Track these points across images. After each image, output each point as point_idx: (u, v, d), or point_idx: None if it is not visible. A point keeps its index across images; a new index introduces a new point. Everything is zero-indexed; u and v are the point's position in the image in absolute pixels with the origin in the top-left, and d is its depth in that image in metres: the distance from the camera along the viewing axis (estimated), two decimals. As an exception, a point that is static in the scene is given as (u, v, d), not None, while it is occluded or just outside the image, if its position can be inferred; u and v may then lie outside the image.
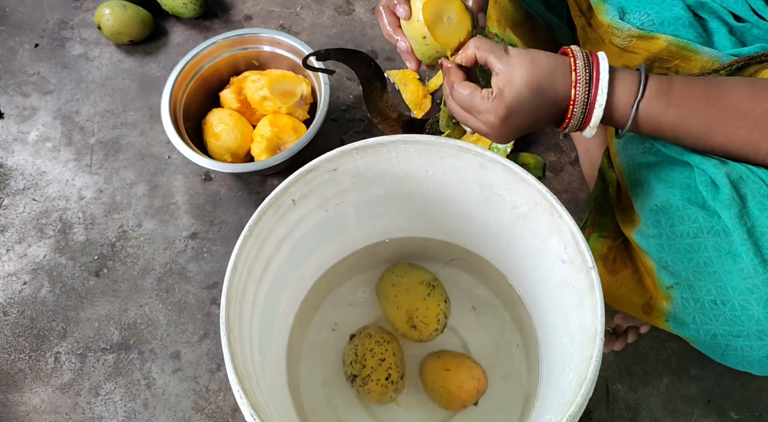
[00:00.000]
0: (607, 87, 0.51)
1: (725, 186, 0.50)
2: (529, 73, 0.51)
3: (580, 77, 0.51)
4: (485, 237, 0.70)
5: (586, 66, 0.52)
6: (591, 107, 0.52)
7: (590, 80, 0.51)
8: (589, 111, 0.52)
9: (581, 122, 0.54)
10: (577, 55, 0.52)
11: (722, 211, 0.50)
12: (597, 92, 0.51)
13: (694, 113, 0.51)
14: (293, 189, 0.56)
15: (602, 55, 0.52)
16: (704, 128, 0.52)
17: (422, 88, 1.01)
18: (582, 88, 0.51)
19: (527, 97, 0.52)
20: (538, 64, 0.52)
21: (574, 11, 0.68)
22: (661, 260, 0.56)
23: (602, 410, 0.79)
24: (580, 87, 0.51)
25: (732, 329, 0.51)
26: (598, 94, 0.51)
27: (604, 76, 0.51)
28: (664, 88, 0.52)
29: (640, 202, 0.59)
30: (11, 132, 1.00)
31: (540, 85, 0.52)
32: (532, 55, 0.52)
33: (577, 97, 0.52)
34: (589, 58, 0.52)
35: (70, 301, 0.88)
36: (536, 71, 0.52)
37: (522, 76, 0.51)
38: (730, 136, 0.51)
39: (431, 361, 0.70)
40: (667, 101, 0.51)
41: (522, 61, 0.52)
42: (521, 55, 0.52)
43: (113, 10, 1.01)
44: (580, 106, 0.52)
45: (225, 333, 0.49)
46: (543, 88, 0.52)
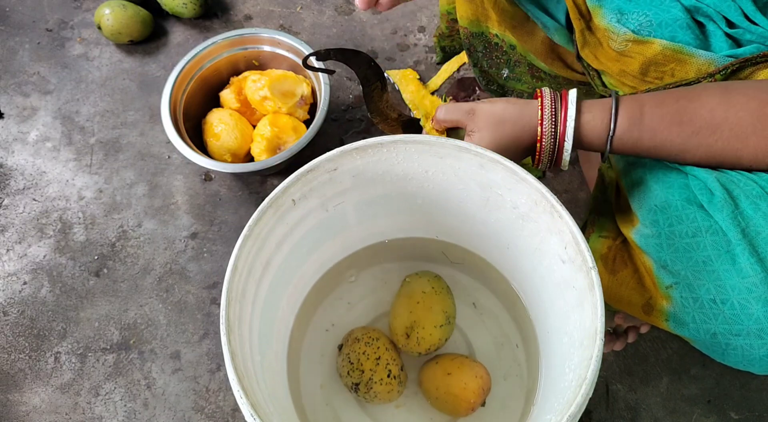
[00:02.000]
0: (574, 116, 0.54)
1: (717, 189, 0.51)
2: (496, 135, 0.57)
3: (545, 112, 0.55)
4: (485, 237, 0.70)
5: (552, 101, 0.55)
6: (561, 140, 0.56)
7: (556, 114, 0.55)
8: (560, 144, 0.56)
9: (553, 160, 0.58)
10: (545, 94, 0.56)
11: (716, 213, 0.51)
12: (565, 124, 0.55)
13: (669, 136, 0.53)
14: (293, 189, 0.56)
15: (572, 91, 0.55)
16: (680, 148, 0.53)
17: (422, 88, 1.01)
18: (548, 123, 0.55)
19: (502, 151, 0.56)
20: (503, 125, 0.57)
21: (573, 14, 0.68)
22: (660, 259, 0.56)
23: (602, 410, 0.79)
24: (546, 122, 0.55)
25: (732, 328, 0.51)
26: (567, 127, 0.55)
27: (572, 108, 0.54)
28: (635, 119, 0.53)
29: (639, 202, 0.59)
30: (11, 132, 1.00)
31: (507, 143, 0.57)
32: (498, 116, 0.57)
33: (544, 133, 0.56)
34: (558, 95, 0.56)
35: (70, 301, 0.88)
36: (502, 132, 0.57)
37: (490, 138, 0.57)
38: (708, 149, 0.52)
39: (430, 368, 0.69)
40: (639, 131, 0.53)
41: (487, 123, 0.57)
42: (486, 117, 0.57)
43: (113, 10, 1.01)
44: (548, 146, 0.56)
45: (225, 333, 0.49)
46: (510, 144, 0.58)
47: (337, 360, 0.70)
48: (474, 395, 0.65)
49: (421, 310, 0.68)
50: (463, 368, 0.67)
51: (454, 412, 0.67)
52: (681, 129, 0.52)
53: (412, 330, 0.68)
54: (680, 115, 0.52)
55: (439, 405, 0.68)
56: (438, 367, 0.68)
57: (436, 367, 0.69)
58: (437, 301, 0.70)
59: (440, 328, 0.69)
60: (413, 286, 0.71)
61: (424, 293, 0.70)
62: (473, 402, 0.65)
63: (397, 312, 0.70)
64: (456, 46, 0.99)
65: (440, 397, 0.67)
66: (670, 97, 0.54)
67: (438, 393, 0.67)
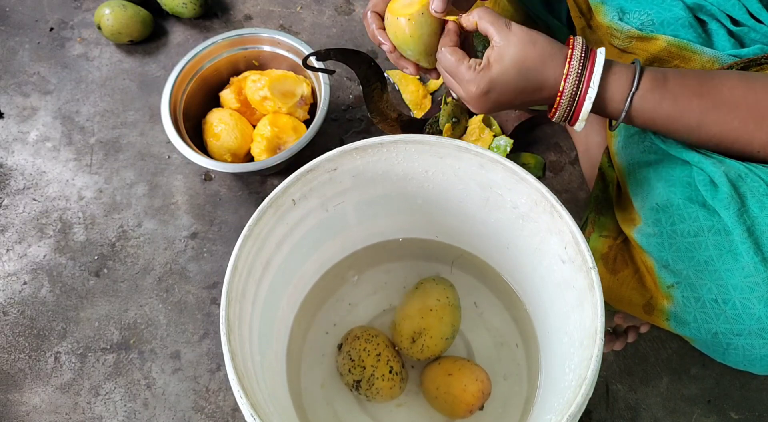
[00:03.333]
0: (599, 81, 0.51)
1: (724, 184, 0.50)
2: (522, 53, 0.51)
3: (572, 69, 0.51)
4: (485, 237, 0.70)
5: (582, 59, 0.51)
6: (581, 100, 0.52)
7: (581, 74, 0.51)
8: (579, 104, 0.53)
9: (570, 114, 0.54)
10: (576, 47, 0.52)
11: (721, 209, 0.50)
12: (588, 85, 0.51)
13: (689, 106, 0.51)
14: (293, 189, 0.56)
15: (601, 51, 0.52)
16: (698, 120, 0.52)
17: (422, 88, 1.01)
18: (572, 81, 0.52)
19: (513, 77, 0.52)
20: (534, 46, 0.52)
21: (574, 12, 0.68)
22: (661, 259, 0.56)
23: (602, 410, 0.79)
24: (570, 80, 0.51)
25: (733, 328, 0.51)
26: (589, 88, 0.51)
27: (598, 70, 0.51)
28: (658, 82, 0.52)
29: (640, 201, 0.59)
30: (11, 132, 1.00)
31: (529, 68, 0.52)
32: (532, 37, 0.52)
33: (566, 89, 0.52)
34: (587, 52, 0.52)
35: (70, 301, 0.88)
36: (530, 53, 0.52)
37: (514, 55, 0.51)
38: (723, 127, 0.51)
39: (432, 368, 0.69)
40: (661, 95, 0.52)
41: (520, 39, 0.52)
42: (521, 33, 0.52)
43: (113, 10, 1.01)
44: (567, 98, 0.52)
45: (225, 333, 0.50)
46: (531, 71, 0.52)
47: (337, 358, 0.70)
48: (473, 398, 0.65)
49: (433, 319, 0.68)
50: (464, 370, 0.67)
51: (453, 413, 0.67)
52: (701, 101, 0.51)
53: (419, 336, 0.68)
54: (701, 87, 0.51)
55: (438, 405, 0.68)
56: (440, 367, 0.68)
57: (438, 367, 0.69)
58: (449, 313, 0.69)
59: (445, 340, 0.69)
60: (429, 292, 0.70)
61: (438, 301, 0.69)
62: (472, 404, 0.65)
63: (408, 313, 0.70)
64: (456, 45, 0.99)
65: (440, 397, 0.67)
66: (693, 72, 0.53)
67: (438, 393, 0.67)
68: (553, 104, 0.54)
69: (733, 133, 0.51)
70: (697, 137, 0.53)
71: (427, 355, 0.69)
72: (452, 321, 0.69)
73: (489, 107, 0.55)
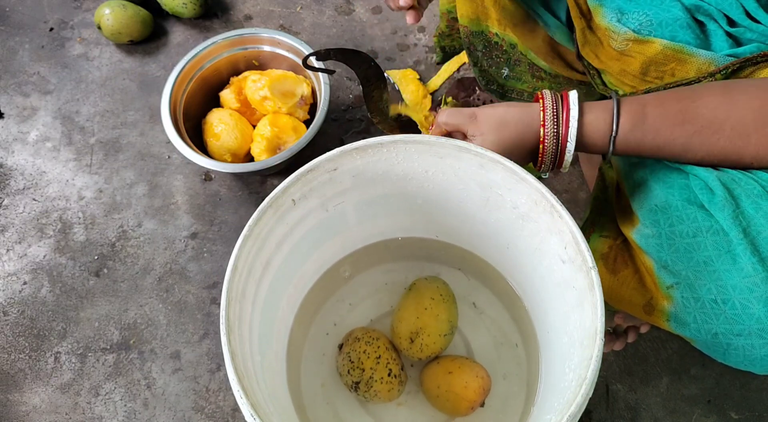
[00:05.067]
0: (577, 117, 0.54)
1: (718, 188, 0.51)
2: (498, 137, 0.57)
3: (547, 113, 0.55)
4: (485, 237, 0.70)
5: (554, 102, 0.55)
6: (563, 141, 0.55)
7: (558, 116, 0.55)
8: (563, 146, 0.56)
9: (555, 162, 0.57)
10: (546, 96, 0.56)
11: (717, 213, 0.50)
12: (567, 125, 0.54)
13: (671, 136, 0.53)
14: (293, 189, 0.56)
15: (572, 93, 0.55)
16: (683, 147, 0.53)
17: (422, 88, 1.01)
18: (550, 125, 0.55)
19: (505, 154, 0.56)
20: (506, 126, 0.56)
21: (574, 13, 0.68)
22: (660, 260, 0.56)
23: (602, 410, 0.79)
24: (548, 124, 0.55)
25: (733, 328, 0.51)
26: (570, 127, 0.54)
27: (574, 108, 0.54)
28: (638, 119, 0.53)
29: (639, 202, 0.59)
30: (11, 132, 1.00)
31: (510, 145, 0.57)
32: (500, 118, 0.57)
33: (546, 135, 0.55)
34: (560, 97, 0.55)
35: (70, 301, 0.88)
36: (505, 134, 0.57)
37: (492, 141, 0.57)
38: (711, 148, 0.52)
39: (431, 368, 0.69)
40: (642, 132, 0.53)
41: (490, 127, 0.57)
42: (489, 120, 0.57)
43: (113, 10, 1.01)
44: (550, 142, 0.55)
45: (225, 333, 0.49)
46: (513, 147, 0.57)
47: (337, 359, 0.70)
48: (475, 394, 0.65)
49: (428, 317, 0.68)
50: (464, 368, 0.67)
51: (454, 411, 0.67)
52: (683, 128, 0.52)
53: (417, 335, 0.68)
54: (683, 114, 0.52)
55: (440, 403, 0.68)
56: (439, 366, 0.68)
57: (437, 366, 0.69)
58: (444, 310, 0.70)
59: (443, 337, 0.69)
60: (422, 291, 0.71)
61: (432, 300, 0.70)
62: (474, 401, 0.65)
63: (403, 315, 0.70)
64: (456, 45, 0.99)
65: (441, 395, 0.67)
66: (672, 98, 0.54)
67: (439, 392, 0.67)
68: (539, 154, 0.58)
69: (722, 152, 0.52)
70: (686, 160, 0.54)
71: (427, 354, 0.69)
72: (448, 318, 0.70)
73: None
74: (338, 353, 0.70)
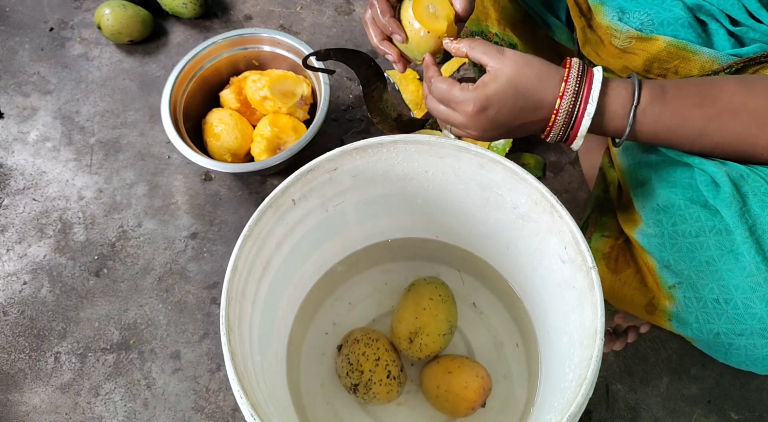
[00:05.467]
0: (597, 98, 0.51)
1: (725, 184, 0.50)
2: (518, 72, 0.52)
3: (569, 87, 0.51)
4: (485, 237, 0.70)
5: (579, 77, 0.52)
6: (579, 117, 0.52)
7: (579, 92, 0.51)
8: (577, 122, 0.52)
9: (567, 133, 0.54)
10: (573, 66, 0.52)
11: (723, 209, 0.50)
12: (587, 102, 0.51)
13: (690, 116, 0.51)
14: (293, 189, 0.56)
15: (598, 69, 0.52)
16: (700, 130, 0.52)
17: (422, 88, 1.00)
18: (568, 99, 0.51)
19: (509, 95, 0.52)
20: (529, 66, 0.52)
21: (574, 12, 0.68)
22: (663, 259, 0.56)
23: (602, 410, 0.79)
24: (566, 97, 0.51)
25: (735, 327, 0.51)
26: (588, 104, 0.51)
27: (596, 86, 0.51)
28: (657, 95, 0.52)
29: (642, 202, 0.59)
30: (11, 132, 1.00)
31: (525, 87, 0.52)
32: (527, 58, 0.52)
33: (562, 107, 0.52)
34: (584, 70, 0.52)
35: (70, 301, 0.88)
36: (526, 72, 0.52)
37: (510, 74, 0.52)
38: (726, 134, 0.51)
39: (431, 368, 0.69)
40: (661, 108, 0.52)
41: (515, 60, 0.52)
42: (516, 55, 0.52)
43: (113, 10, 1.01)
44: (563, 116, 0.52)
45: (225, 333, 0.49)
46: (528, 90, 0.52)
47: (336, 360, 0.70)
48: (475, 394, 0.65)
49: (427, 317, 0.68)
50: (464, 367, 0.67)
51: (455, 411, 0.67)
52: (702, 110, 0.51)
53: (416, 335, 0.68)
54: (701, 97, 0.51)
55: (440, 404, 0.68)
56: (439, 366, 0.68)
57: (437, 366, 0.69)
58: (443, 310, 0.70)
59: (443, 337, 0.69)
60: (421, 292, 0.71)
61: (431, 300, 0.70)
62: (474, 401, 0.65)
63: (402, 316, 0.70)
64: (456, 45, 0.99)
65: (441, 396, 0.67)
66: (691, 82, 0.53)
67: (439, 392, 0.67)
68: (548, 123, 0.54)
69: (736, 138, 0.51)
70: (700, 146, 0.53)
71: (426, 353, 0.69)
72: (447, 317, 0.70)
73: (487, 127, 0.55)
74: (337, 354, 0.70)
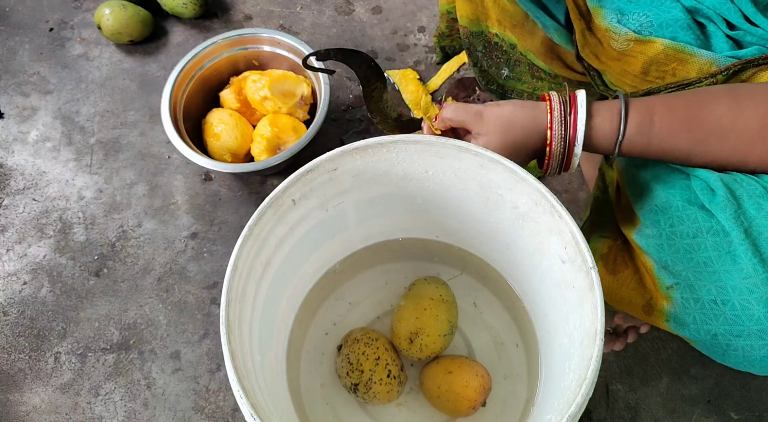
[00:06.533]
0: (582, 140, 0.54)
1: (720, 188, 0.51)
2: (504, 138, 0.56)
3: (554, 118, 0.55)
4: (485, 238, 0.70)
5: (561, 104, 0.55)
6: (569, 158, 0.56)
7: (566, 125, 0.54)
8: (567, 160, 0.56)
9: (562, 164, 0.57)
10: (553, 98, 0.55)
11: (719, 213, 0.50)
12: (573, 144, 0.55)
13: (677, 142, 0.53)
14: (293, 189, 0.56)
15: (580, 92, 0.55)
16: (688, 153, 0.53)
17: (422, 88, 1.01)
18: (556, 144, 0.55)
19: (507, 155, 0.56)
20: (512, 127, 0.56)
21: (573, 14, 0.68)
22: (660, 260, 0.56)
23: (602, 410, 0.79)
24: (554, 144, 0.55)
25: (732, 329, 0.51)
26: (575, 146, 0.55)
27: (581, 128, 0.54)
28: (645, 125, 0.53)
29: (640, 203, 0.59)
30: (11, 132, 1.00)
31: (516, 147, 0.57)
32: (506, 119, 0.56)
33: (553, 141, 0.55)
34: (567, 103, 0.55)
35: (70, 301, 0.88)
36: (511, 135, 0.56)
37: (498, 142, 0.57)
38: (714, 156, 0.53)
39: (431, 368, 0.69)
40: (648, 138, 0.53)
41: (496, 128, 0.57)
42: (495, 120, 0.57)
43: (113, 10, 1.01)
44: (557, 150, 0.56)
45: (225, 333, 0.49)
46: (519, 148, 0.57)
47: (336, 360, 0.70)
48: (476, 393, 0.65)
49: (428, 317, 0.68)
50: (464, 367, 0.67)
51: (456, 411, 0.67)
52: (689, 136, 0.52)
53: (416, 336, 0.68)
54: (689, 122, 0.52)
55: (441, 404, 0.68)
56: (439, 366, 0.68)
57: (437, 366, 0.69)
58: (443, 310, 0.69)
59: (443, 337, 0.69)
60: (421, 292, 0.71)
61: (432, 300, 0.70)
62: (475, 400, 0.65)
63: (403, 316, 0.70)
64: (456, 46, 0.99)
65: (442, 395, 0.67)
66: (680, 103, 0.54)
67: (440, 392, 0.67)
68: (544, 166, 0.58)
69: (725, 158, 0.52)
70: (690, 165, 0.55)
71: (427, 354, 0.69)
72: (448, 318, 0.70)
73: None
74: (337, 354, 0.70)
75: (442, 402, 0.67)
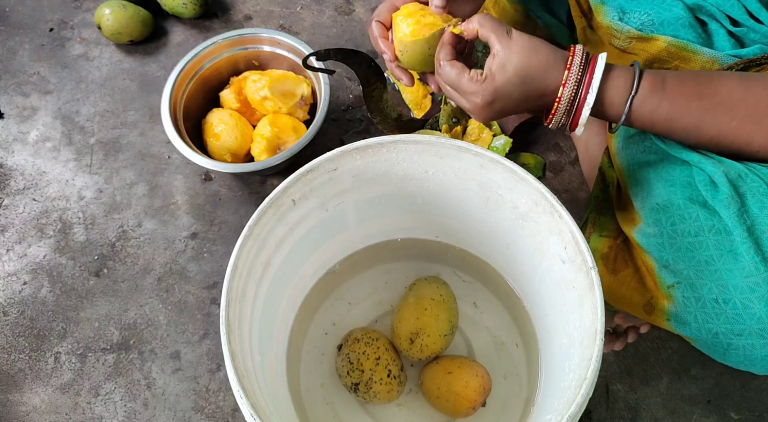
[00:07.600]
0: (598, 87, 0.52)
1: (724, 184, 0.50)
2: (525, 62, 0.52)
3: (571, 76, 0.52)
4: (485, 238, 0.70)
5: (582, 65, 0.52)
6: (580, 107, 0.53)
7: (581, 80, 0.52)
8: (578, 110, 0.53)
9: (569, 120, 0.54)
10: (576, 54, 0.52)
11: (722, 210, 0.50)
12: (587, 91, 0.52)
13: (687, 108, 0.52)
14: (293, 189, 0.56)
15: (602, 56, 0.52)
16: (696, 122, 0.52)
17: (422, 88, 1.01)
18: (570, 88, 0.52)
19: (516, 85, 0.52)
20: (536, 55, 0.52)
21: (575, 12, 0.68)
22: (661, 259, 0.56)
23: (602, 410, 0.79)
24: (568, 86, 0.52)
25: (733, 328, 0.51)
26: (588, 94, 0.52)
27: (597, 76, 0.52)
28: (657, 84, 0.52)
29: (641, 201, 0.59)
30: (11, 132, 1.00)
31: (533, 77, 0.52)
32: (534, 45, 0.52)
33: (564, 95, 0.52)
34: (588, 58, 0.52)
35: (70, 301, 0.88)
36: (533, 62, 0.52)
37: (517, 64, 0.52)
38: (722, 127, 0.52)
39: (431, 368, 0.69)
40: (660, 98, 0.52)
41: (521, 47, 0.52)
42: (523, 41, 0.52)
43: (113, 10, 1.01)
44: (565, 104, 0.53)
45: (225, 333, 0.50)
46: (535, 79, 0.52)
47: (337, 360, 0.70)
48: (475, 393, 0.65)
49: (428, 318, 0.68)
50: (464, 367, 0.67)
51: (455, 411, 0.67)
52: (699, 103, 0.51)
53: (417, 336, 0.68)
54: (700, 89, 0.52)
55: (440, 404, 0.68)
56: (439, 367, 0.68)
57: (437, 366, 0.69)
58: (444, 310, 0.69)
59: (444, 337, 0.69)
60: (422, 292, 0.71)
61: (432, 300, 0.69)
62: (475, 400, 0.65)
63: (403, 316, 0.70)
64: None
65: (441, 396, 0.67)
66: (691, 74, 0.54)
67: (439, 392, 0.67)
68: (550, 110, 0.54)
69: (732, 133, 0.52)
70: (696, 138, 0.53)
71: (427, 354, 0.69)
72: (449, 318, 0.69)
73: (492, 116, 0.56)
74: (337, 354, 0.70)
75: (442, 403, 0.67)
